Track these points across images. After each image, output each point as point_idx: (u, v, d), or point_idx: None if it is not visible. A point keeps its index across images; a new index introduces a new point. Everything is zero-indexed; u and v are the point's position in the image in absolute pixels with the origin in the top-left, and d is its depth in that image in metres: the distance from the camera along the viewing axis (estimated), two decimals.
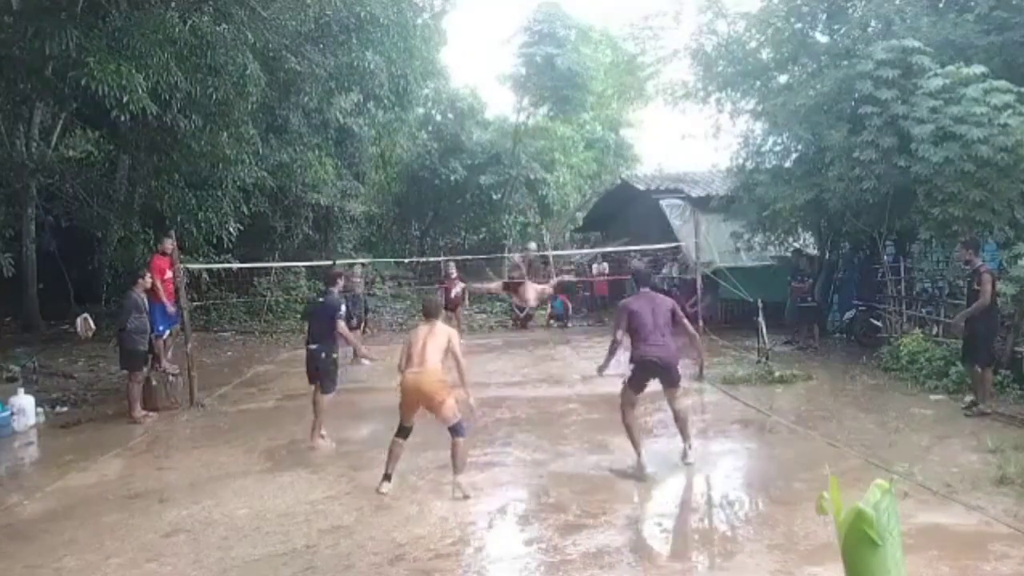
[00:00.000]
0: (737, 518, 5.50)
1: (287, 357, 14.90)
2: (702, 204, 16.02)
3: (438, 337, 6.14)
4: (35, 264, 15.70)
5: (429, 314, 6.41)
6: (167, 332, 10.58)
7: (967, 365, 8.44)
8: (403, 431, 6.19)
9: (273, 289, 19.82)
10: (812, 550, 4.65)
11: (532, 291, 13.92)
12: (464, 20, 56.25)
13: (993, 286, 8.03)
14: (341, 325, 7.80)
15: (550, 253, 22.86)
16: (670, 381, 6.63)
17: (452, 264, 16.31)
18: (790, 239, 14.48)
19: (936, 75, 9.93)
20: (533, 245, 15.55)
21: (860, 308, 13.07)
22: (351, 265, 15.06)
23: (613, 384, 7.24)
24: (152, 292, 10.18)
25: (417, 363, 5.99)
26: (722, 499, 5.96)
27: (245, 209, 16.92)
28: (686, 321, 6.87)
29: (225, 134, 14.32)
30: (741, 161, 14.23)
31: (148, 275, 9.80)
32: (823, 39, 13.63)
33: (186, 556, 4.97)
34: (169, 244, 10.51)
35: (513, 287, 14.72)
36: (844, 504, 2.31)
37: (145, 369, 9.49)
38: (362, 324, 14.04)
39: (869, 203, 10.71)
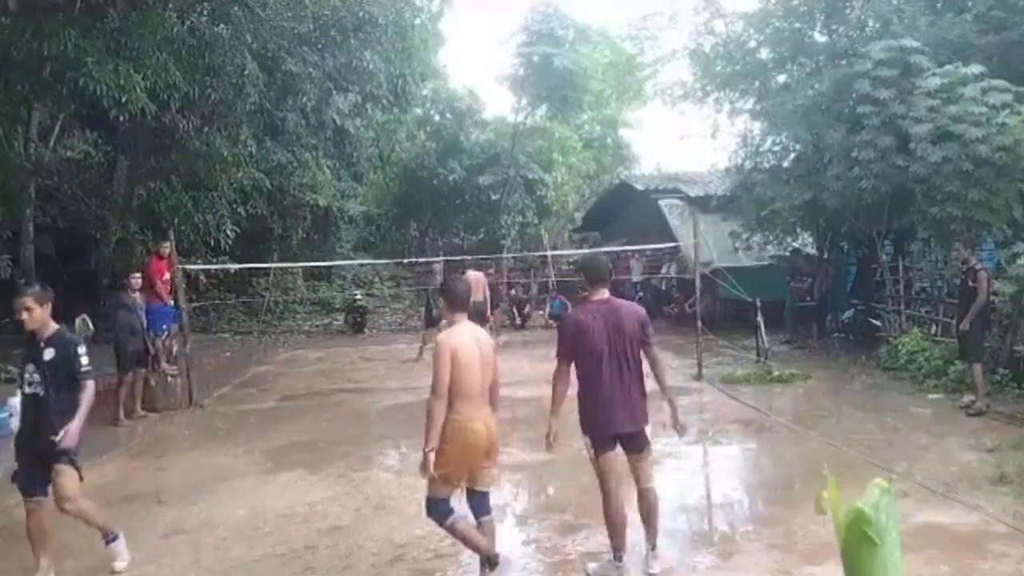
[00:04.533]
0: (736, 518, 5.50)
1: (286, 357, 14.91)
2: (701, 204, 16.03)
3: (487, 348, 4.28)
4: (33, 265, 15.66)
5: (464, 305, 4.31)
6: (167, 332, 10.58)
7: (966, 363, 8.46)
8: (445, 507, 4.21)
9: (272, 290, 19.83)
10: (812, 550, 4.65)
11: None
12: (462, 20, 56.31)
13: (988, 283, 8.06)
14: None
15: (549, 253, 22.96)
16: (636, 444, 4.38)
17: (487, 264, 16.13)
18: (789, 239, 14.49)
19: (934, 75, 9.94)
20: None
21: (859, 308, 13.08)
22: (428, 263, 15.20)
23: None
24: (152, 293, 10.19)
25: (480, 400, 4.18)
26: (721, 499, 5.96)
27: (243, 211, 16.92)
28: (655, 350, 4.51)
29: (222, 135, 14.32)
30: (739, 161, 14.23)
31: (136, 277, 9.71)
32: (821, 39, 13.64)
33: (185, 557, 4.97)
34: (166, 247, 10.53)
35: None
36: (843, 504, 2.31)
37: (143, 370, 9.45)
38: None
39: (867, 203, 10.72)
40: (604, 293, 4.41)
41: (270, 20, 12.42)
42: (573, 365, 4.35)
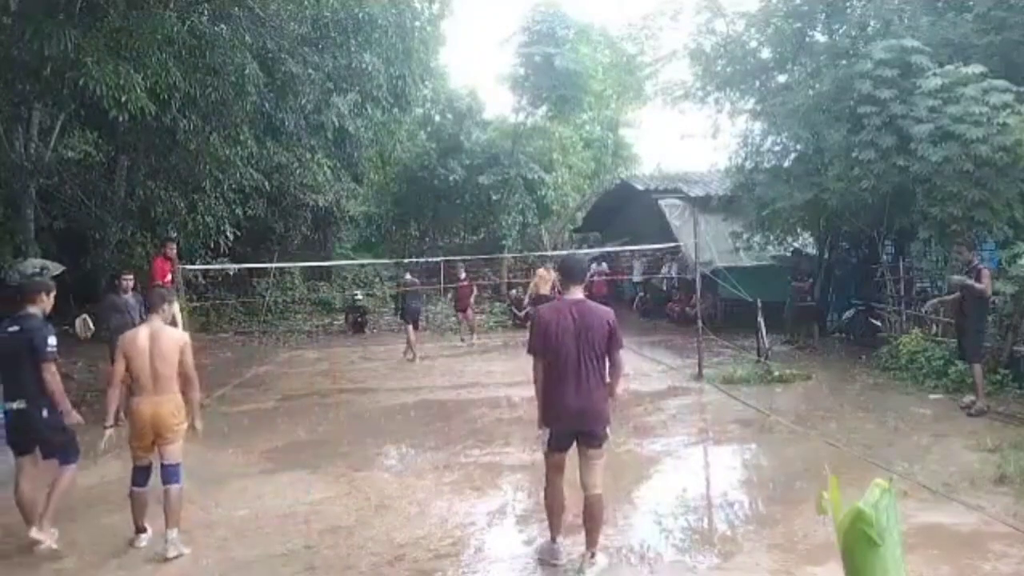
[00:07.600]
0: (737, 518, 5.49)
1: (286, 358, 14.94)
2: (701, 204, 16.02)
3: (167, 344, 5.03)
4: None
5: (153, 309, 5.20)
6: None
7: (966, 363, 8.46)
8: (142, 474, 5.15)
9: (272, 290, 19.85)
10: (812, 550, 4.65)
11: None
12: (463, 20, 56.29)
13: (991, 281, 8.07)
14: (50, 369, 5.11)
15: (550, 253, 22.97)
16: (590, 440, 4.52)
17: (461, 265, 16.54)
18: (789, 239, 14.49)
19: (935, 74, 9.93)
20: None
21: (859, 308, 13.07)
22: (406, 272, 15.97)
23: None
24: None
25: (153, 386, 4.96)
26: (722, 499, 5.95)
27: (242, 211, 16.92)
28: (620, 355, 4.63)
29: (222, 135, 14.33)
30: (740, 161, 14.23)
31: (128, 277, 9.62)
32: (822, 38, 13.64)
33: (185, 557, 4.96)
34: (172, 248, 10.57)
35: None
36: (844, 504, 2.30)
37: None
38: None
39: (868, 203, 10.72)
40: (578, 293, 4.64)
41: (270, 20, 12.42)
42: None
